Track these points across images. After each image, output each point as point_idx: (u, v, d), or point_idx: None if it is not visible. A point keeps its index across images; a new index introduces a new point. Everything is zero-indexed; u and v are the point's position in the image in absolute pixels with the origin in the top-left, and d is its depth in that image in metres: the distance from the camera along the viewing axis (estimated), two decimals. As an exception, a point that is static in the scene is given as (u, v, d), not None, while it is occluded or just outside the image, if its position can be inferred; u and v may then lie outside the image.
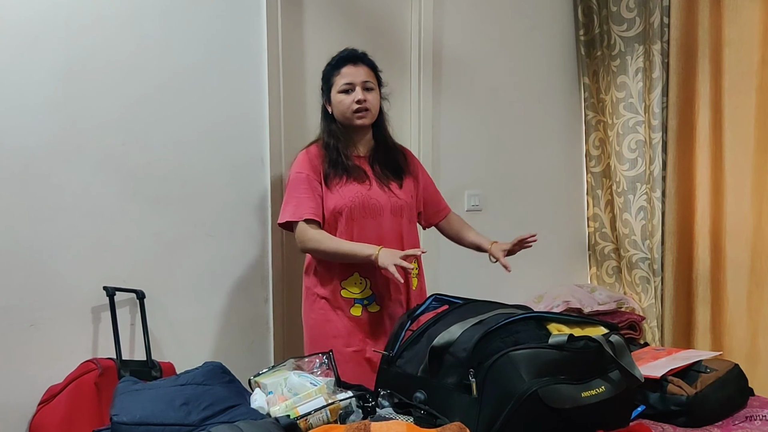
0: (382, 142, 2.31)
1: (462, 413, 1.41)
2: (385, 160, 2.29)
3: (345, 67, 2.22)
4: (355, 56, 2.25)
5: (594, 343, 1.47)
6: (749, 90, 3.03)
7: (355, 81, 2.20)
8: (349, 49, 2.29)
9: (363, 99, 2.19)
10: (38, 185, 2.16)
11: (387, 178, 2.26)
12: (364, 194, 2.20)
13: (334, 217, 2.18)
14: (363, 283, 2.20)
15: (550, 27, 3.50)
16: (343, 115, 2.22)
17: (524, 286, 3.30)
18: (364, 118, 2.22)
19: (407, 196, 2.29)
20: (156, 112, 2.38)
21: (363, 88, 2.21)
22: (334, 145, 2.22)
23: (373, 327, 2.21)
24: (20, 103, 2.12)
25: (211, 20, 2.48)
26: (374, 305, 2.21)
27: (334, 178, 2.19)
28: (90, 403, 2.06)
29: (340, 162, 2.20)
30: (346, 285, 2.19)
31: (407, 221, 2.29)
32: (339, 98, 2.22)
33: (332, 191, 2.19)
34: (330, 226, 2.20)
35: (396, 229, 2.25)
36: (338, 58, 2.26)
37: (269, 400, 1.52)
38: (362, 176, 2.22)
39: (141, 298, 2.33)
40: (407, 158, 2.38)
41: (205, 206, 2.49)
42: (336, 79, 2.23)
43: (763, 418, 1.75)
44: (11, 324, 2.12)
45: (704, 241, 3.18)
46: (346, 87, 2.21)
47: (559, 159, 3.56)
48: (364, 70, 2.23)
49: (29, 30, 2.13)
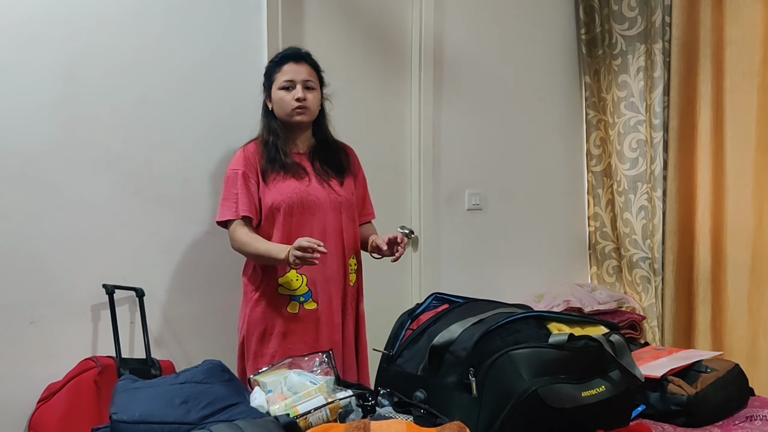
0: (323, 139, 2.31)
1: (462, 412, 1.40)
2: (326, 158, 2.29)
3: (287, 65, 2.23)
4: (297, 55, 2.26)
5: (594, 343, 1.47)
6: (751, 89, 3.03)
7: (296, 79, 2.21)
8: (293, 48, 2.31)
9: (303, 97, 2.20)
10: (38, 183, 2.16)
11: (327, 175, 2.26)
12: (303, 190, 2.20)
13: (272, 213, 2.18)
14: (299, 279, 2.19)
15: (551, 26, 3.50)
16: (283, 111, 2.23)
17: (524, 286, 3.30)
18: (303, 115, 2.22)
19: (347, 193, 2.29)
20: (156, 110, 2.37)
21: (303, 86, 2.22)
22: (273, 142, 2.22)
23: (309, 324, 2.20)
24: (20, 102, 2.12)
25: (211, 19, 2.47)
26: (311, 302, 2.21)
27: (271, 173, 2.19)
28: (89, 401, 2.05)
29: (278, 159, 2.20)
30: (283, 282, 2.19)
31: (347, 218, 2.28)
32: (279, 95, 2.22)
33: (270, 187, 2.19)
34: (268, 222, 2.20)
35: (336, 225, 2.24)
36: (281, 56, 2.27)
37: (269, 398, 1.52)
38: (301, 173, 2.23)
39: (140, 296, 2.33)
40: (349, 156, 2.38)
41: (205, 205, 2.48)
42: (277, 76, 2.23)
43: (763, 418, 1.75)
44: (11, 322, 2.12)
45: (705, 241, 3.18)
46: (286, 84, 2.21)
47: (559, 158, 3.55)
48: (305, 68, 2.24)
49: (29, 29, 2.13)
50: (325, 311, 2.22)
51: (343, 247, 2.26)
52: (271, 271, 2.20)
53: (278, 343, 2.18)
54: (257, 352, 2.18)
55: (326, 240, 2.17)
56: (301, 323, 2.20)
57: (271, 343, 2.19)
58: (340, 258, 2.26)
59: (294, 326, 2.19)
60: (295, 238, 2.09)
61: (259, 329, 2.20)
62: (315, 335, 2.20)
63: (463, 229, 3.20)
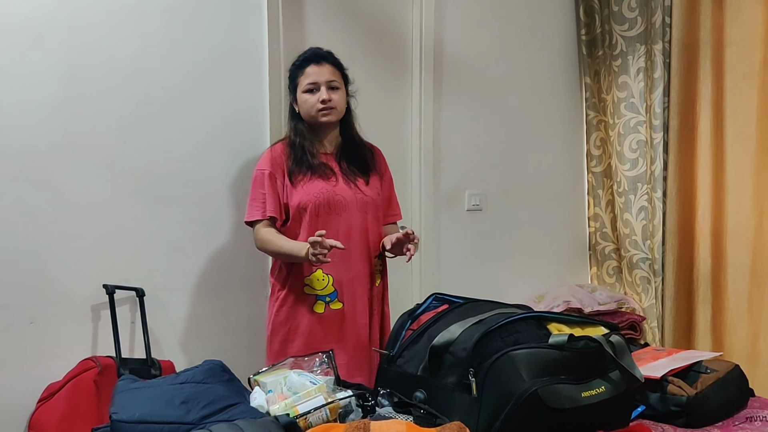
0: (349, 139, 2.33)
1: (462, 413, 1.40)
2: (352, 157, 2.30)
3: (309, 67, 2.25)
4: (318, 56, 2.27)
5: (594, 343, 1.47)
6: (751, 91, 3.03)
7: (320, 80, 2.23)
8: (313, 49, 2.31)
9: (328, 98, 2.22)
10: (40, 183, 2.17)
11: (354, 175, 2.28)
12: (329, 190, 2.22)
13: (299, 214, 2.21)
14: (325, 279, 2.21)
15: (551, 26, 3.50)
16: (308, 113, 2.25)
17: (525, 286, 3.30)
18: (330, 116, 2.24)
19: (373, 193, 2.30)
20: (157, 111, 2.38)
21: (327, 87, 2.23)
22: (300, 143, 2.24)
23: (335, 324, 2.22)
24: (22, 102, 2.12)
25: (212, 20, 2.48)
26: (336, 302, 2.22)
27: (298, 174, 2.21)
28: (89, 401, 2.06)
29: (305, 159, 2.22)
30: (309, 281, 2.21)
31: (373, 218, 2.30)
32: (304, 98, 2.25)
33: (296, 188, 2.21)
34: (295, 222, 2.22)
35: (362, 226, 2.26)
36: (302, 58, 2.29)
37: (269, 398, 1.52)
38: (327, 173, 2.24)
39: (141, 297, 2.33)
40: (375, 156, 2.39)
41: (206, 205, 2.49)
42: (300, 79, 2.26)
43: (763, 418, 1.74)
44: (11, 321, 2.12)
45: (705, 242, 3.18)
46: (310, 87, 2.23)
47: (560, 159, 3.55)
48: (328, 69, 2.25)
49: (31, 29, 2.13)
50: (350, 311, 2.23)
51: (369, 248, 2.27)
52: (298, 271, 2.21)
53: (302, 342, 2.19)
54: (281, 351, 2.19)
55: (351, 240, 2.20)
56: (327, 323, 2.21)
57: (295, 342, 2.20)
58: (365, 258, 2.27)
59: (319, 326, 2.21)
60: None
61: (284, 328, 2.22)
62: (340, 335, 2.21)
63: (463, 230, 3.20)
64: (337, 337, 2.21)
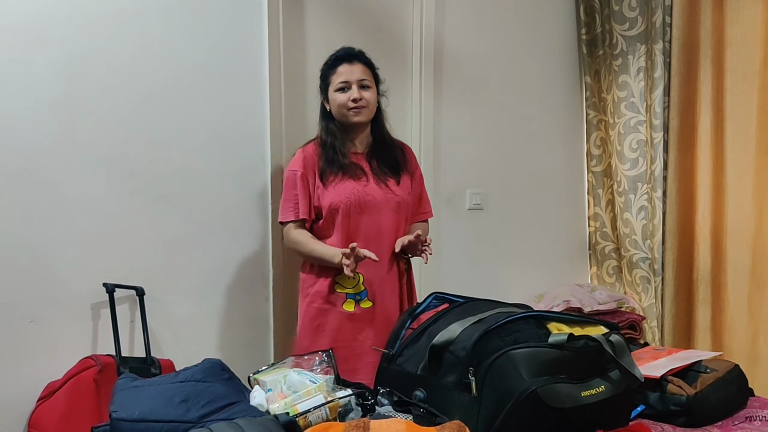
0: (380, 138, 2.33)
1: (461, 412, 1.41)
2: (383, 157, 2.31)
3: (341, 66, 2.26)
4: (350, 55, 2.28)
5: (594, 343, 1.47)
6: (751, 90, 3.02)
7: (351, 79, 2.24)
8: (345, 48, 2.32)
9: (359, 97, 2.22)
10: (39, 182, 2.16)
11: (384, 175, 2.28)
12: (360, 191, 2.22)
13: (330, 214, 2.22)
14: (356, 278, 2.21)
15: (551, 26, 3.50)
16: (339, 112, 2.26)
17: (524, 285, 3.30)
18: (360, 115, 2.25)
19: (404, 193, 2.31)
20: (157, 110, 2.37)
21: (359, 86, 2.24)
22: (331, 143, 2.25)
23: (364, 323, 2.23)
24: (22, 101, 2.12)
25: (212, 18, 2.47)
26: (366, 301, 2.23)
27: (330, 175, 2.23)
28: (89, 400, 2.05)
29: (336, 159, 2.23)
30: (340, 280, 2.22)
31: (403, 218, 2.31)
32: (335, 96, 2.25)
33: (328, 188, 2.22)
34: (327, 223, 2.24)
35: (393, 225, 2.27)
36: (334, 57, 2.29)
37: (269, 397, 1.52)
38: (359, 173, 2.25)
39: (141, 295, 2.33)
40: (406, 154, 2.40)
41: (206, 204, 2.48)
42: (332, 78, 2.27)
43: (763, 418, 1.75)
44: (11, 320, 2.12)
45: (705, 242, 3.18)
46: (342, 85, 2.24)
47: (560, 158, 3.55)
48: (359, 68, 2.26)
49: (31, 27, 2.13)
50: (380, 310, 2.24)
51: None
52: (328, 268, 2.22)
53: (331, 339, 2.19)
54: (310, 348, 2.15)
55: (382, 240, 2.22)
56: (357, 321, 2.22)
57: (324, 339, 2.20)
58: (396, 258, 2.28)
59: (349, 324, 2.22)
60: (354, 238, 2.15)
61: (313, 324, 2.23)
62: (369, 333, 2.22)
63: (463, 229, 3.20)
64: (366, 336, 2.21)
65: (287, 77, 2.63)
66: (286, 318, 2.67)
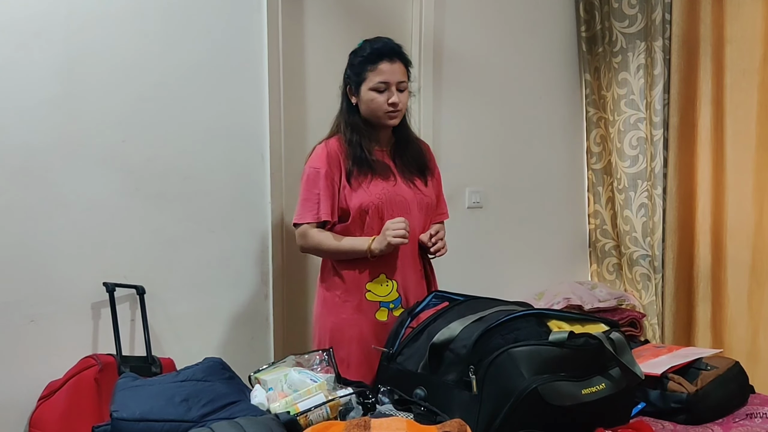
0: (405, 137, 2.23)
1: (462, 410, 1.41)
2: (408, 156, 2.21)
3: (383, 64, 2.08)
4: (393, 52, 2.11)
5: (594, 341, 1.47)
6: (751, 87, 3.02)
7: (391, 80, 2.08)
8: (384, 41, 2.14)
9: (397, 101, 2.09)
10: (38, 181, 2.16)
11: (411, 174, 2.19)
12: (390, 191, 2.12)
13: (359, 215, 2.10)
14: (389, 285, 2.11)
15: (551, 23, 3.50)
16: (373, 113, 2.12)
17: (525, 283, 3.30)
18: (395, 119, 2.13)
19: (431, 193, 2.23)
20: (156, 108, 2.37)
21: (397, 88, 2.10)
22: (357, 141, 2.12)
23: None
24: (21, 100, 2.12)
25: (211, 16, 2.47)
26: (400, 309, 2.12)
27: (358, 175, 2.10)
28: (90, 399, 2.05)
29: (364, 158, 2.10)
30: (372, 287, 2.11)
31: (429, 219, 2.23)
32: (371, 96, 2.10)
33: (357, 188, 2.10)
34: (355, 224, 2.12)
35: (421, 226, 2.18)
36: (376, 52, 2.10)
37: (269, 396, 1.52)
38: (387, 172, 2.14)
39: (141, 294, 2.33)
40: (426, 153, 2.31)
41: (206, 202, 2.48)
42: (370, 74, 2.09)
43: (763, 415, 1.75)
44: (11, 320, 2.12)
45: (705, 239, 3.18)
46: (380, 86, 2.08)
47: (560, 156, 3.55)
48: (400, 68, 2.11)
49: (30, 26, 2.12)
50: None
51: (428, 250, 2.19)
52: (358, 277, 2.11)
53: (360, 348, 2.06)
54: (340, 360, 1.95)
55: (412, 241, 2.10)
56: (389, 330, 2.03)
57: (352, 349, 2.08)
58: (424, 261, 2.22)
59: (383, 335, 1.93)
60: None
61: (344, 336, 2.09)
62: None
63: (463, 227, 3.19)
64: None
65: (286, 75, 2.63)
66: (286, 316, 2.67)
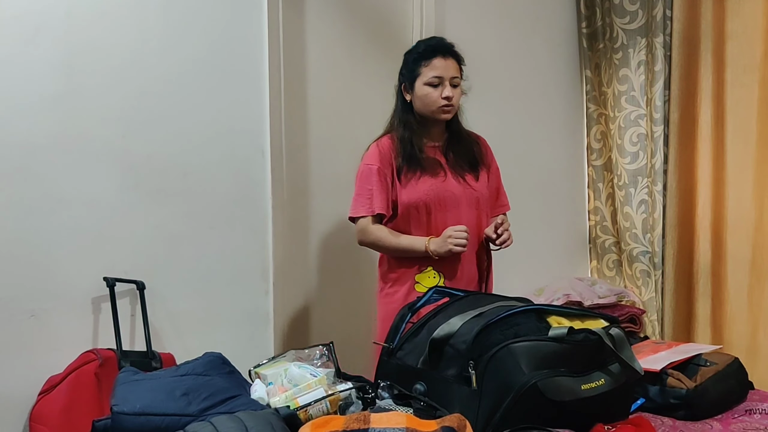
0: (457, 133, 2.26)
1: (462, 405, 1.41)
2: (460, 151, 2.24)
3: (436, 59, 2.16)
4: (447, 48, 2.19)
5: (594, 336, 1.47)
6: (751, 84, 3.02)
7: (445, 75, 2.15)
8: (438, 39, 2.24)
9: (451, 96, 2.15)
10: (39, 177, 2.16)
11: (462, 169, 2.22)
12: (439, 187, 2.17)
13: (408, 211, 2.16)
14: (437, 277, 2.16)
15: (552, 19, 3.49)
16: (427, 108, 2.18)
17: (525, 279, 3.30)
18: (449, 114, 2.18)
19: (482, 188, 2.25)
20: (157, 104, 2.37)
21: (451, 84, 2.16)
22: (409, 138, 2.18)
23: None
24: (21, 96, 2.12)
25: (212, 13, 2.47)
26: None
27: (408, 172, 2.16)
28: (90, 394, 2.06)
29: (414, 155, 2.16)
30: (421, 279, 2.16)
31: (484, 214, 2.25)
32: (425, 91, 2.16)
33: (407, 185, 2.16)
34: (404, 220, 2.17)
35: (474, 221, 2.20)
36: (429, 48, 2.19)
37: (269, 391, 1.53)
38: (437, 168, 2.19)
39: (141, 289, 2.33)
40: (482, 148, 2.33)
41: (206, 198, 2.48)
42: (424, 70, 2.16)
43: (762, 411, 1.75)
44: (12, 314, 2.12)
45: (705, 235, 3.18)
46: (434, 81, 2.15)
47: (560, 152, 3.55)
48: (453, 64, 2.19)
49: (30, 22, 2.12)
50: None
51: (480, 245, 2.23)
52: (408, 268, 2.17)
53: None
54: None
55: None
56: None
57: None
58: (476, 256, 2.24)
59: None
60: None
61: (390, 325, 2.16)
62: None
63: (463, 223, 3.19)
64: None
65: (287, 72, 2.63)
66: (286, 311, 2.67)
